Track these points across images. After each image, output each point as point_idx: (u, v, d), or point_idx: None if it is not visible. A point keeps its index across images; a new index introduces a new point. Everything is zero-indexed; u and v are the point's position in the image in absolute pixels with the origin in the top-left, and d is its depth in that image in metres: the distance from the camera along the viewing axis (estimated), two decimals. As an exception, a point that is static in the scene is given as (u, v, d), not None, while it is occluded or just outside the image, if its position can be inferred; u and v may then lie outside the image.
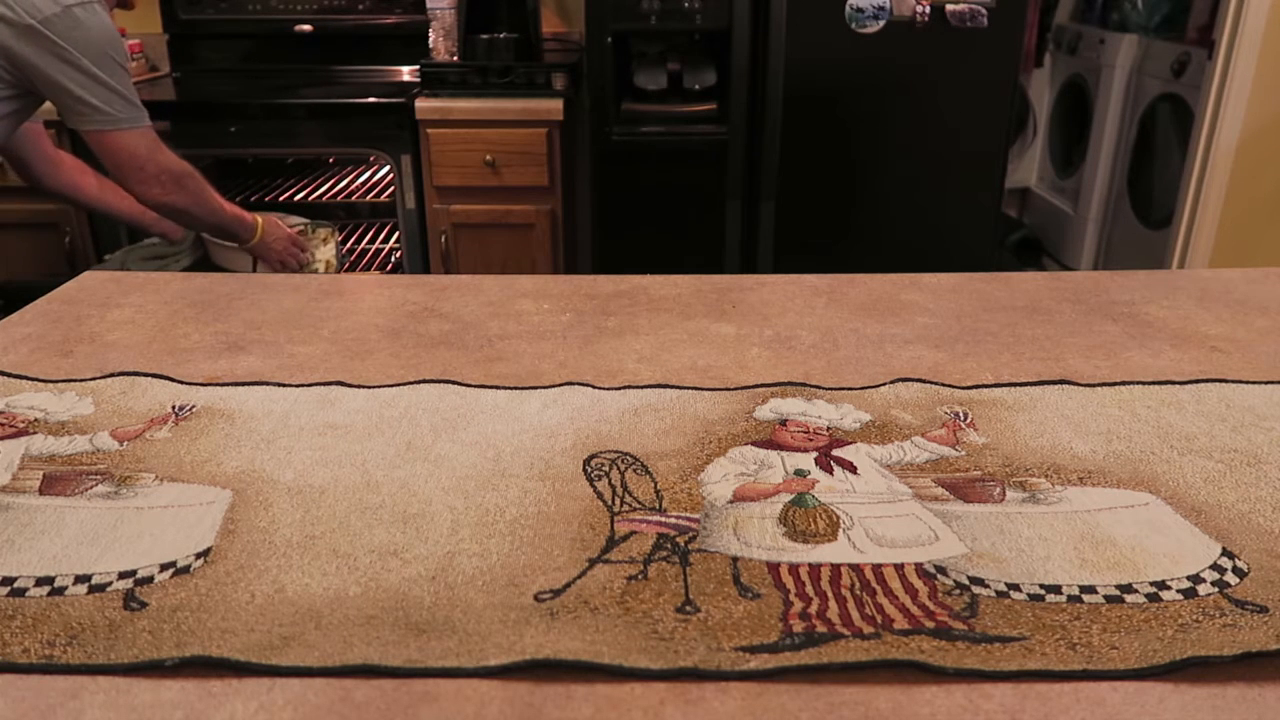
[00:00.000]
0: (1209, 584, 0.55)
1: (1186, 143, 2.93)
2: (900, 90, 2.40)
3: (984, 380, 0.83)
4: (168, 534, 0.60)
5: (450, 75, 2.51)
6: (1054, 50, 3.77)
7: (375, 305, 1.02)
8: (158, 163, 1.59)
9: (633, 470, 0.68)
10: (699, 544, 0.59)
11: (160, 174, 1.59)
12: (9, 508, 0.63)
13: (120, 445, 0.72)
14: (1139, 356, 0.89)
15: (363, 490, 0.65)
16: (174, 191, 1.61)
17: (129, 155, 1.57)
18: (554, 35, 2.86)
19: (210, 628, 0.51)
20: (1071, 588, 0.55)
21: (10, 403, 0.78)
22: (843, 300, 1.04)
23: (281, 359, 0.88)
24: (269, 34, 2.80)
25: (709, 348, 0.91)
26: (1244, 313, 0.99)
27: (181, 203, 1.63)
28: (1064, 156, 3.76)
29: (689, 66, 2.49)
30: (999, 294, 1.05)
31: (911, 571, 0.56)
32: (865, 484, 0.66)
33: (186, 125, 2.46)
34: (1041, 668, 0.49)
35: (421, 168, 2.44)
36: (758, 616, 0.52)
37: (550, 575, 0.56)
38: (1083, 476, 0.67)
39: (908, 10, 2.29)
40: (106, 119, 1.53)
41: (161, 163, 1.60)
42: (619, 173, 2.47)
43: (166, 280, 1.12)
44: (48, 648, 0.50)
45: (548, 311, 1.00)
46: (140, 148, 1.57)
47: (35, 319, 0.98)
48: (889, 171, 2.48)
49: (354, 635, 0.51)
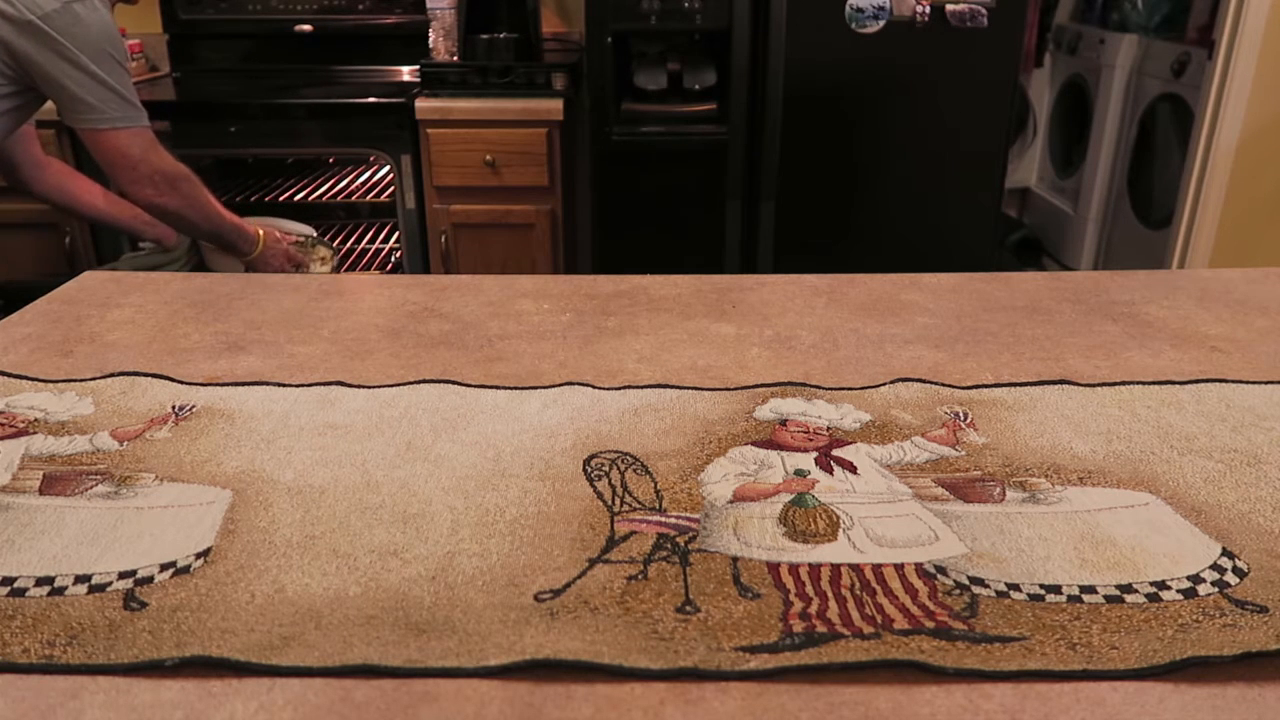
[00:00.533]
0: (1209, 584, 0.55)
1: (1186, 143, 2.93)
2: (900, 90, 2.40)
3: (984, 380, 0.83)
4: (168, 534, 0.60)
5: (450, 75, 2.51)
6: (1054, 50, 3.78)
7: (375, 305, 1.02)
8: (151, 163, 1.57)
9: (633, 470, 0.68)
10: (699, 544, 0.59)
11: (153, 175, 1.58)
12: (9, 508, 0.63)
13: (120, 445, 0.72)
14: (1139, 356, 0.89)
15: (363, 490, 0.65)
16: (167, 193, 1.59)
17: (122, 155, 1.55)
18: (554, 35, 2.86)
19: (210, 628, 0.51)
20: (1071, 588, 0.55)
21: (10, 403, 0.78)
22: (843, 300, 1.04)
23: (281, 359, 0.88)
24: (269, 34, 2.80)
25: (709, 348, 0.91)
26: (1244, 313, 0.99)
27: (175, 205, 1.61)
28: (1064, 156, 3.76)
29: (689, 66, 2.49)
30: (999, 294, 1.06)
31: (911, 571, 0.56)
32: (865, 484, 0.66)
33: (186, 125, 2.46)
34: (1041, 668, 0.49)
35: (421, 168, 2.44)
36: (758, 616, 0.52)
37: (550, 575, 0.56)
38: (1083, 476, 0.67)
39: (908, 10, 2.29)
40: (101, 117, 1.52)
41: (155, 164, 1.58)
42: (619, 173, 2.47)
43: (166, 280, 1.12)
44: (48, 648, 0.50)
45: (548, 311, 1.00)
46: (134, 147, 1.56)
47: (35, 319, 0.98)
48: (889, 171, 2.48)
49: (354, 635, 0.51)
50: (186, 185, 1.62)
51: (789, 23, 2.28)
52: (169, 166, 1.60)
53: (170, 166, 1.60)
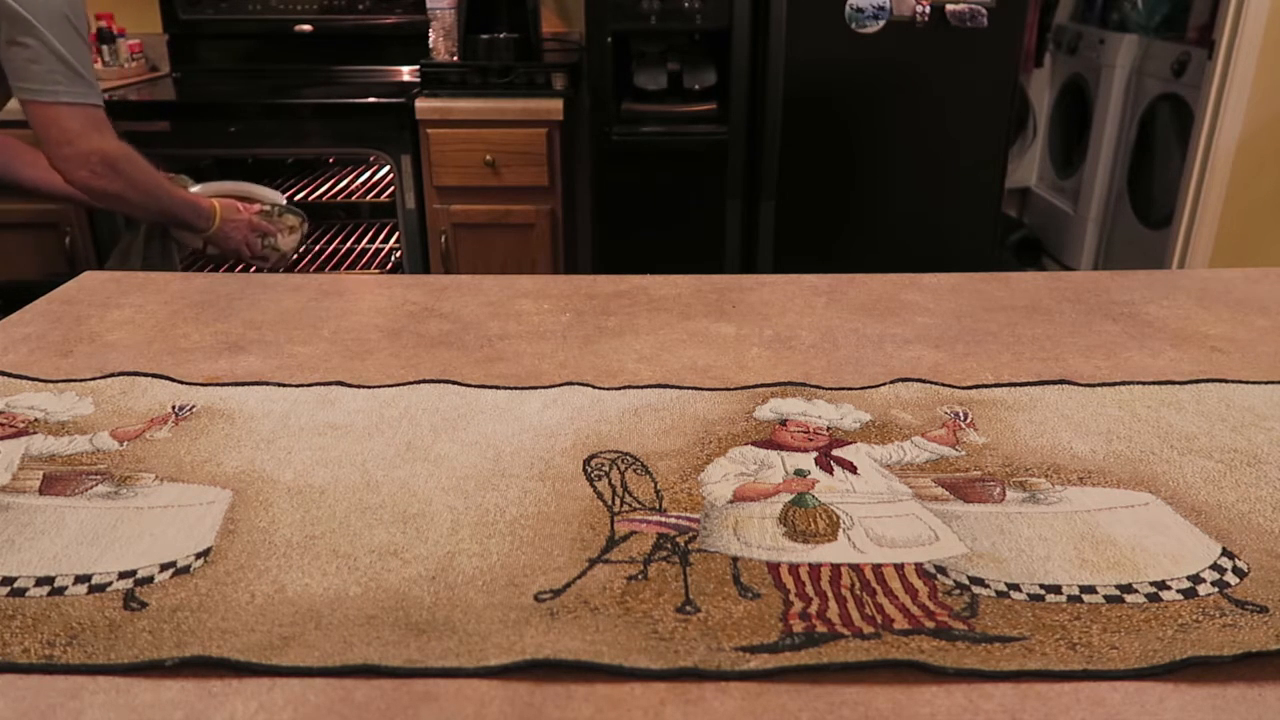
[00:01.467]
0: (1209, 584, 0.55)
1: (1186, 143, 2.93)
2: (900, 90, 2.40)
3: (984, 380, 0.83)
4: (168, 534, 0.60)
5: (450, 75, 2.51)
6: (1054, 50, 3.78)
7: (375, 305, 1.02)
8: (89, 143, 1.46)
9: (633, 470, 0.68)
10: (699, 544, 0.59)
11: (89, 155, 1.46)
12: (9, 508, 0.63)
13: (120, 445, 0.72)
14: (1139, 356, 0.89)
15: (363, 490, 0.65)
16: (104, 176, 1.48)
17: (58, 131, 1.45)
18: (554, 35, 2.86)
19: (210, 628, 0.51)
20: (1071, 588, 0.55)
21: (10, 403, 0.78)
22: (843, 300, 1.04)
23: (281, 359, 0.88)
24: (269, 34, 2.80)
25: (709, 348, 0.91)
26: (1244, 313, 0.99)
27: (114, 188, 1.51)
28: (1064, 156, 3.76)
29: (689, 66, 2.50)
30: (999, 294, 1.06)
31: (911, 571, 0.56)
32: (865, 484, 0.66)
33: (186, 125, 2.46)
34: (1041, 668, 0.49)
35: (421, 168, 2.44)
36: (758, 616, 0.52)
37: (550, 575, 0.56)
38: (1083, 476, 0.67)
39: (908, 10, 2.29)
40: (44, 89, 1.42)
41: (94, 144, 1.47)
42: (619, 173, 2.48)
43: (166, 280, 1.12)
44: (48, 648, 0.50)
45: (548, 311, 1.00)
46: (73, 125, 1.45)
47: (35, 319, 0.98)
48: (889, 171, 2.48)
49: (354, 635, 0.51)
50: (127, 166, 1.52)
51: (789, 23, 2.28)
52: (110, 148, 1.49)
53: (112, 148, 1.50)
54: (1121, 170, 3.36)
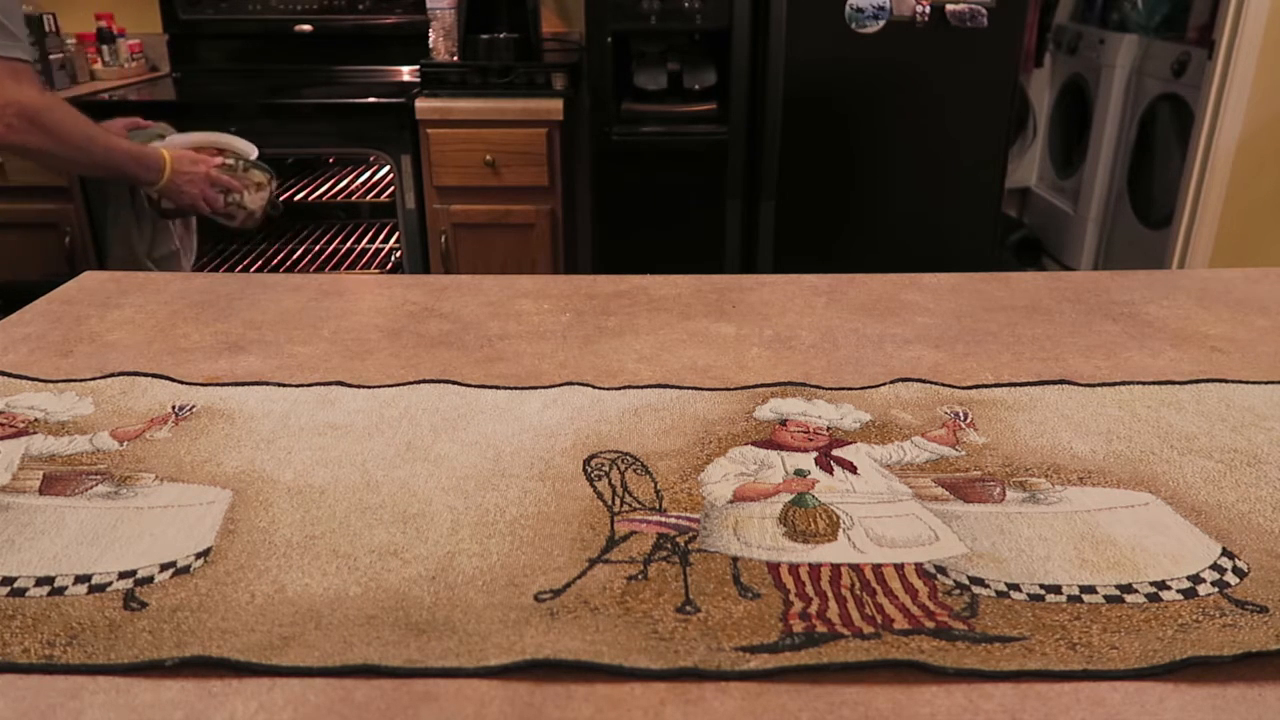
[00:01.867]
0: (1209, 584, 0.55)
1: (1186, 143, 2.93)
2: (900, 90, 2.40)
3: (984, 380, 0.83)
4: (168, 534, 0.60)
5: (450, 75, 2.51)
6: (1054, 50, 3.78)
7: (375, 305, 1.02)
8: (5, 95, 1.35)
9: (633, 470, 0.68)
10: (699, 544, 0.59)
11: (4, 107, 1.36)
12: (9, 508, 0.63)
13: (120, 445, 0.72)
14: (1139, 356, 0.89)
15: (363, 490, 0.65)
16: (24, 131, 1.38)
17: None
18: (554, 35, 2.86)
19: (210, 628, 0.51)
20: (1071, 588, 0.55)
21: (10, 403, 0.78)
22: (843, 300, 1.04)
23: (281, 359, 0.88)
24: (269, 34, 2.80)
25: (709, 348, 0.91)
26: (1244, 313, 0.99)
27: (33, 142, 1.40)
28: (1064, 156, 3.76)
29: (689, 66, 2.50)
30: (999, 294, 1.06)
31: (911, 571, 0.56)
32: (865, 484, 0.66)
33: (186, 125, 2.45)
34: (1041, 668, 0.49)
35: (421, 168, 2.44)
36: (758, 616, 0.52)
37: (550, 575, 0.56)
38: (1083, 476, 0.67)
39: (908, 10, 2.29)
40: None
41: (9, 95, 1.36)
42: (619, 173, 2.48)
43: (166, 280, 1.12)
44: (48, 648, 0.50)
45: (548, 311, 1.00)
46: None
47: (35, 319, 0.98)
48: (889, 172, 2.48)
49: (354, 635, 0.51)
50: (49, 117, 1.40)
51: (789, 23, 2.28)
52: (28, 99, 1.38)
53: (31, 100, 1.39)
54: (1121, 170, 3.36)
